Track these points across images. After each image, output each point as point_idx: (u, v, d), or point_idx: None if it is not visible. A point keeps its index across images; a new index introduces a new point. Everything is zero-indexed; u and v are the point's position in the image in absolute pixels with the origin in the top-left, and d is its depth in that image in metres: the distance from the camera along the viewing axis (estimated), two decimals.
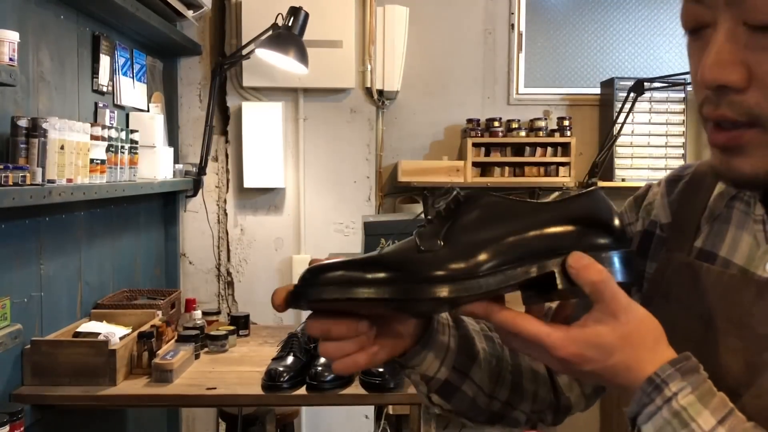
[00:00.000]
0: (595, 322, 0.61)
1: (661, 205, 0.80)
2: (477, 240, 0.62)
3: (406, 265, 0.61)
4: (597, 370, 0.61)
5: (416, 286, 0.60)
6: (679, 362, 0.60)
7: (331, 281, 0.60)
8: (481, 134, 3.39)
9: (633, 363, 0.60)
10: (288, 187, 3.27)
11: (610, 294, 0.60)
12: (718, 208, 0.73)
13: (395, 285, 0.60)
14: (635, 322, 0.61)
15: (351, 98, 3.28)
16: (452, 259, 0.61)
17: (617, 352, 0.60)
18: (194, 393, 2.01)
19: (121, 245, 2.62)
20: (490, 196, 0.65)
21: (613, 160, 3.39)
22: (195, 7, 2.93)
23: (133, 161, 2.34)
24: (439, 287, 0.60)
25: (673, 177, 0.81)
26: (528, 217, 0.64)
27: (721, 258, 0.70)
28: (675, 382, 0.59)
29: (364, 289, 0.60)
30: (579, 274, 0.61)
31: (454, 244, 0.62)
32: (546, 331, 0.61)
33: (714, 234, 0.72)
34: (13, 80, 1.61)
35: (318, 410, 3.20)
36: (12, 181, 1.60)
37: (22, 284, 1.93)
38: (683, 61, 3.68)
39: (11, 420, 1.63)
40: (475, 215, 0.64)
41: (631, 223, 0.83)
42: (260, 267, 3.28)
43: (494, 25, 3.57)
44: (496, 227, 0.63)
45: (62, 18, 2.17)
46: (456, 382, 0.78)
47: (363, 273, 0.60)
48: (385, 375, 1.97)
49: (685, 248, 0.74)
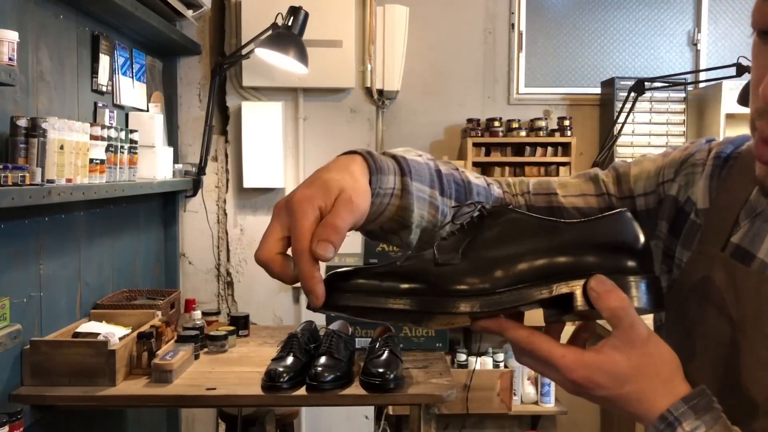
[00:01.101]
0: (611, 349, 0.59)
1: (701, 187, 0.75)
2: (496, 256, 0.62)
3: (424, 277, 0.61)
4: (608, 396, 0.60)
5: (434, 299, 0.60)
6: (692, 399, 0.58)
7: (354, 288, 0.61)
8: (482, 134, 3.38)
9: (646, 395, 0.59)
10: (288, 187, 3.27)
11: (629, 322, 0.59)
12: (761, 203, 0.69)
13: (414, 297, 0.60)
14: (652, 354, 0.59)
15: (351, 98, 3.27)
16: (470, 274, 0.61)
17: (630, 381, 0.59)
18: (194, 393, 2.00)
19: (120, 245, 2.62)
20: (514, 212, 0.64)
21: (613, 159, 3.38)
22: (195, 7, 2.93)
23: (133, 161, 2.33)
24: (457, 301, 0.60)
25: (723, 155, 0.76)
26: (551, 237, 0.63)
27: (759, 260, 0.66)
28: (689, 421, 0.57)
29: (385, 299, 0.60)
30: (600, 298, 0.59)
31: (472, 259, 0.62)
32: (560, 352, 0.60)
33: (754, 232, 0.68)
34: (13, 80, 1.61)
35: (318, 410, 3.19)
36: (11, 181, 1.60)
37: (22, 284, 1.93)
38: (683, 61, 3.68)
39: (11, 420, 1.63)
40: (497, 231, 0.63)
41: (667, 181, 0.79)
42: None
43: (494, 25, 3.57)
44: (517, 244, 0.62)
45: (62, 18, 2.16)
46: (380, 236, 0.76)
47: (381, 282, 0.61)
48: (386, 375, 1.97)
49: (720, 242, 0.70)
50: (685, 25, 3.67)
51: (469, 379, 3.22)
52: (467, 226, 0.64)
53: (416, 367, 2.20)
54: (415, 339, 2.38)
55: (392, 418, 3.35)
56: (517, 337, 0.61)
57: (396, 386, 1.98)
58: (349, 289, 0.61)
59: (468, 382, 3.21)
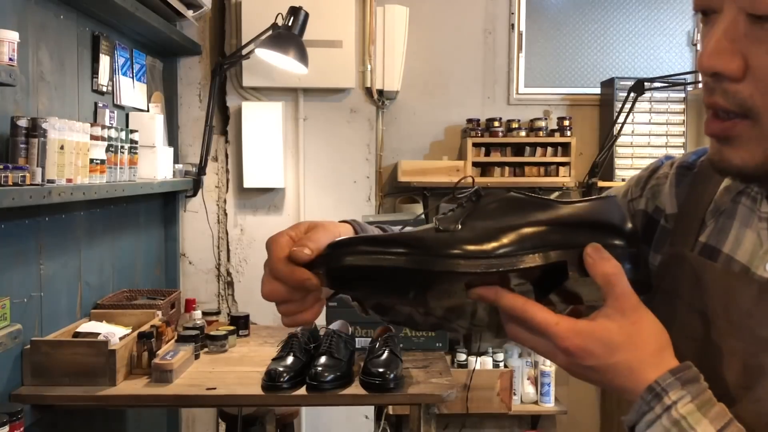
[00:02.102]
0: (603, 318, 0.61)
1: (668, 194, 0.78)
2: (494, 226, 0.64)
3: (422, 241, 0.63)
4: (599, 366, 0.61)
5: (431, 258, 0.61)
6: (679, 371, 0.60)
7: (354, 251, 0.63)
8: (481, 134, 3.39)
9: (635, 364, 0.61)
10: (288, 187, 3.27)
11: (621, 290, 0.61)
12: (724, 203, 0.72)
13: (411, 256, 0.62)
14: (643, 324, 0.61)
15: (351, 98, 3.28)
16: (468, 239, 0.63)
17: (621, 350, 0.60)
18: (194, 393, 2.00)
19: (120, 245, 2.62)
20: (510, 192, 0.68)
21: (613, 160, 3.39)
22: (195, 7, 2.93)
23: (133, 161, 2.33)
24: (454, 261, 0.61)
25: (685, 164, 0.79)
26: (546, 212, 0.65)
27: (724, 255, 0.69)
28: (675, 390, 0.59)
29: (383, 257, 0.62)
30: (595, 264, 0.61)
31: (471, 227, 0.64)
32: (554, 320, 0.61)
33: (718, 229, 0.71)
34: (13, 80, 1.61)
35: (318, 410, 3.19)
36: (12, 181, 1.60)
37: (22, 284, 1.93)
38: (683, 61, 3.68)
39: (11, 420, 1.63)
40: (494, 206, 0.66)
41: (635, 198, 0.82)
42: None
43: (494, 25, 3.57)
44: (514, 216, 0.65)
45: (62, 18, 2.16)
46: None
47: (383, 248, 0.63)
48: (386, 375, 1.97)
49: (689, 242, 0.73)
50: (685, 26, 3.67)
51: (469, 378, 3.22)
52: (465, 204, 0.67)
53: (416, 367, 2.20)
54: (415, 339, 2.39)
55: (392, 417, 3.35)
56: (513, 304, 0.62)
57: (396, 386, 1.98)
58: (350, 251, 0.63)
59: (468, 382, 3.22)
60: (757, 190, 0.69)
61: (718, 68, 0.59)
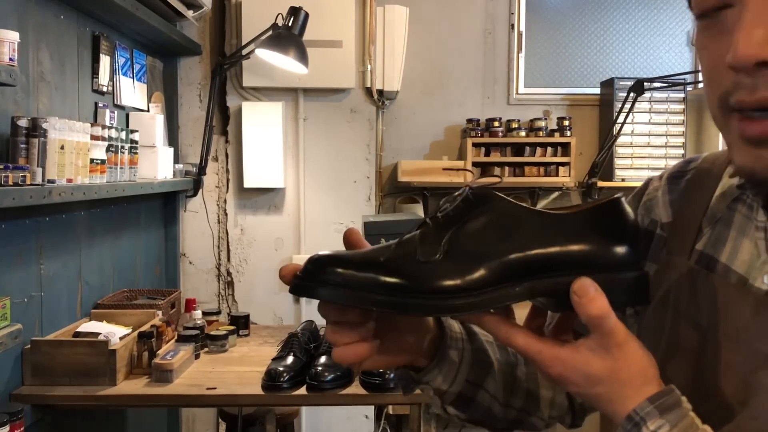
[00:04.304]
0: (587, 350, 0.60)
1: (662, 204, 0.77)
2: (478, 253, 0.61)
3: (405, 272, 0.60)
4: (580, 393, 0.61)
5: (412, 300, 0.59)
6: (658, 398, 0.58)
7: (332, 281, 0.59)
8: (481, 134, 3.39)
9: (616, 398, 0.60)
10: (288, 187, 3.27)
11: (608, 329, 0.59)
12: (720, 210, 0.70)
13: (392, 296, 0.59)
14: (628, 360, 0.59)
15: (351, 98, 3.28)
16: (451, 273, 0.60)
17: (602, 384, 0.60)
18: (194, 393, 2.01)
19: (121, 245, 2.62)
20: (502, 201, 0.62)
21: (613, 160, 3.39)
22: (195, 7, 2.93)
23: (133, 161, 2.33)
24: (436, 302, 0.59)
25: (676, 173, 0.78)
26: (538, 231, 0.61)
27: (722, 264, 0.67)
28: (653, 419, 0.57)
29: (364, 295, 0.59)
30: (580, 304, 0.58)
31: (454, 256, 0.61)
32: (537, 348, 0.60)
33: (715, 237, 0.69)
34: (13, 80, 1.61)
35: (318, 410, 3.20)
36: (12, 181, 1.60)
37: (22, 284, 1.93)
38: (683, 61, 3.68)
39: (11, 420, 1.63)
40: (481, 222, 0.62)
41: None
42: (260, 267, 3.28)
43: (494, 25, 3.57)
44: (501, 238, 0.61)
45: (62, 18, 2.16)
46: (470, 394, 0.77)
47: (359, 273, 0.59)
48: (386, 375, 1.97)
49: (685, 251, 0.71)
50: (685, 26, 3.67)
51: None
52: (452, 212, 0.63)
53: None
54: None
55: (392, 417, 3.35)
56: (496, 334, 0.62)
57: (396, 386, 1.98)
58: (326, 280, 0.59)
59: None
60: (752, 197, 0.67)
61: (765, 55, 0.53)
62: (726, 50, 0.55)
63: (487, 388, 0.78)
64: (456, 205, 0.63)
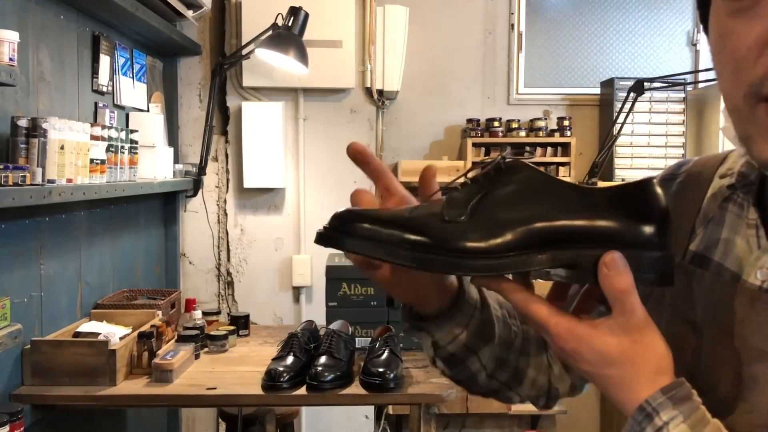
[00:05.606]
0: (606, 329, 0.59)
1: None
2: (505, 218, 0.61)
3: (428, 231, 0.61)
4: (591, 373, 0.60)
5: (434, 257, 0.60)
6: (671, 389, 0.58)
7: (359, 233, 0.61)
8: (481, 134, 3.39)
9: (628, 382, 0.59)
10: (288, 187, 3.27)
11: (629, 307, 0.58)
12: (712, 210, 0.71)
13: (415, 252, 0.60)
14: (645, 344, 0.59)
15: (351, 98, 3.28)
16: (475, 234, 0.60)
17: (616, 365, 0.59)
18: (194, 393, 2.01)
19: (121, 245, 2.62)
20: (533, 171, 0.62)
21: (613, 160, 3.39)
22: (195, 7, 2.93)
23: (133, 161, 2.33)
24: (455, 261, 0.60)
25: (668, 176, 0.79)
26: (566, 203, 0.60)
27: (715, 263, 0.68)
28: (666, 410, 0.57)
29: (388, 248, 0.61)
30: (608, 276, 0.57)
31: (480, 218, 0.61)
32: (555, 320, 0.60)
33: (708, 237, 0.70)
34: (13, 80, 1.61)
35: (318, 410, 3.20)
36: (12, 181, 1.60)
37: (22, 284, 1.93)
38: (683, 61, 3.68)
39: (11, 420, 1.63)
40: (510, 189, 0.62)
41: None
42: (260, 267, 3.28)
43: (494, 25, 3.57)
44: (529, 206, 0.61)
45: (62, 18, 2.16)
46: (463, 357, 0.79)
47: (386, 229, 0.61)
48: (386, 375, 1.97)
49: (679, 252, 0.71)
50: (685, 26, 3.67)
51: None
52: (482, 179, 0.63)
53: (416, 367, 2.20)
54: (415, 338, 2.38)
55: (392, 417, 3.35)
56: (515, 300, 0.62)
57: (396, 386, 1.98)
58: (353, 232, 0.61)
59: None
60: (743, 196, 0.68)
61: None
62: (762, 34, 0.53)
63: (480, 357, 0.79)
64: (487, 171, 0.63)
